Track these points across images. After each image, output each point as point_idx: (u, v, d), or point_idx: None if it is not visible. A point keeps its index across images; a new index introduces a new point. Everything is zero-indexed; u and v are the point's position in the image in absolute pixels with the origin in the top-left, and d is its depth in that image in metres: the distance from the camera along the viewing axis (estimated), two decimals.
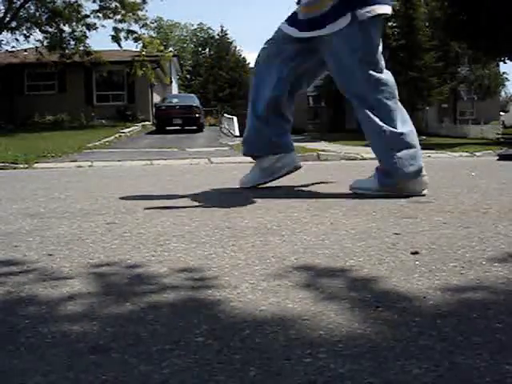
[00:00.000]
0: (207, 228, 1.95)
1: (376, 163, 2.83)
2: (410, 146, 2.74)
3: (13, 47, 22.48)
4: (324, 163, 5.68)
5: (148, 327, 1.05)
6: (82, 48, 22.33)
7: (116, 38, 22.08)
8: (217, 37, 52.45)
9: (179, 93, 35.98)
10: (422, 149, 2.87)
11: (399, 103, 2.86)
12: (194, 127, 19.70)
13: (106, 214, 2.29)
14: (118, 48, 22.96)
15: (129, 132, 17.67)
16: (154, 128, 20.56)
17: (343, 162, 5.89)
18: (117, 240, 1.79)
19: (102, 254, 1.60)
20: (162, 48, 23.54)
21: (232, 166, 5.29)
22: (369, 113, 2.76)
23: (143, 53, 22.47)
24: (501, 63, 28.76)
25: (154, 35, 30.86)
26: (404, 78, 27.29)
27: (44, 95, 23.75)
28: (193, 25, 65.73)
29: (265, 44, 3.12)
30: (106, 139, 13.19)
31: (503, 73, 38.15)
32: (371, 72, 2.78)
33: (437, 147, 13.27)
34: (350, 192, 2.81)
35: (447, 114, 33.80)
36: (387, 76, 2.86)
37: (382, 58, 2.90)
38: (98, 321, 1.08)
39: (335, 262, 1.47)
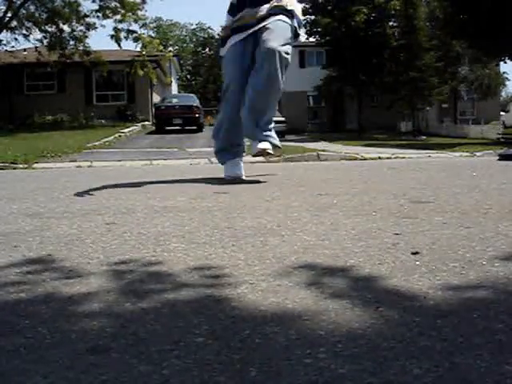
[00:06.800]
0: (207, 228, 1.95)
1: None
2: None
3: (12, 47, 22.49)
4: (324, 163, 5.68)
5: (148, 327, 1.04)
6: (81, 48, 22.32)
7: (116, 38, 22.07)
8: (217, 37, 52.42)
9: (179, 93, 35.97)
10: (422, 149, 2.89)
11: None
12: (194, 127, 19.70)
13: (106, 214, 2.29)
14: (118, 48, 22.97)
15: (128, 132, 17.67)
16: (154, 128, 20.55)
17: (343, 162, 5.89)
18: (116, 240, 1.79)
19: (101, 255, 1.60)
20: (161, 48, 23.54)
21: None
22: None
23: (143, 53, 22.47)
24: (501, 63, 28.82)
25: (153, 35, 30.81)
26: (404, 77, 27.32)
27: (43, 95, 23.75)
28: (192, 24, 65.81)
29: None
30: (106, 139, 13.19)
31: (503, 72, 38.17)
32: None
33: (437, 147, 13.28)
34: (350, 192, 2.81)
35: (447, 114, 33.80)
36: None
37: None
38: (98, 321, 1.08)
39: (335, 262, 1.47)
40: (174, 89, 36.08)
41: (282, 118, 23.45)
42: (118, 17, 21.83)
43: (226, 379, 0.83)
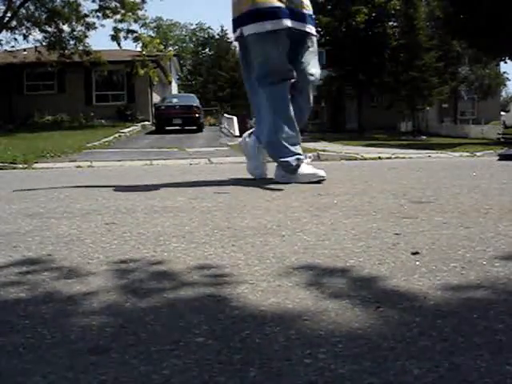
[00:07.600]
0: (207, 228, 1.95)
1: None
2: None
3: (12, 47, 22.49)
4: (324, 163, 5.68)
5: (148, 327, 1.04)
6: (81, 48, 22.33)
7: (116, 38, 22.07)
8: (217, 36, 52.46)
9: (179, 93, 35.98)
10: (423, 149, 2.90)
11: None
12: (194, 127, 19.71)
13: (106, 214, 2.29)
14: (118, 48, 22.97)
15: (128, 132, 17.69)
16: (154, 128, 20.57)
17: (343, 162, 5.89)
18: (116, 240, 1.79)
19: (101, 255, 1.60)
20: (161, 47, 23.56)
21: (232, 166, 5.28)
22: None
23: (144, 52, 22.47)
24: (501, 63, 28.84)
25: (153, 35, 30.79)
26: (404, 77, 27.33)
27: (43, 95, 23.75)
28: (192, 24, 65.86)
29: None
30: (106, 139, 13.20)
31: (504, 72, 38.21)
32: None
33: (437, 147, 13.28)
34: (351, 192, 2.81)
35: (448, 114, 33.82)
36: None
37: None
38: (98, 321, 1.08)
39: (335, 262, 1.47)
40: (174, 89, 36.09)
41: None
42: (118, 17, 21.85)
43: (225, 379, 0.83)
